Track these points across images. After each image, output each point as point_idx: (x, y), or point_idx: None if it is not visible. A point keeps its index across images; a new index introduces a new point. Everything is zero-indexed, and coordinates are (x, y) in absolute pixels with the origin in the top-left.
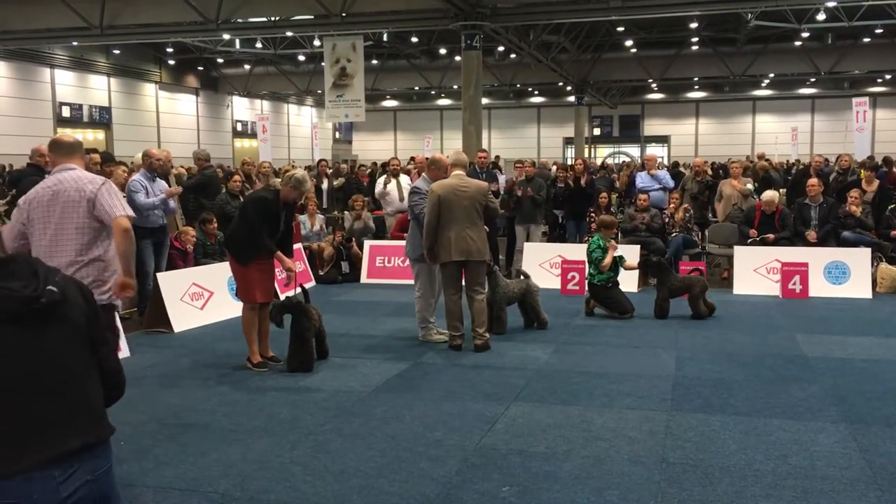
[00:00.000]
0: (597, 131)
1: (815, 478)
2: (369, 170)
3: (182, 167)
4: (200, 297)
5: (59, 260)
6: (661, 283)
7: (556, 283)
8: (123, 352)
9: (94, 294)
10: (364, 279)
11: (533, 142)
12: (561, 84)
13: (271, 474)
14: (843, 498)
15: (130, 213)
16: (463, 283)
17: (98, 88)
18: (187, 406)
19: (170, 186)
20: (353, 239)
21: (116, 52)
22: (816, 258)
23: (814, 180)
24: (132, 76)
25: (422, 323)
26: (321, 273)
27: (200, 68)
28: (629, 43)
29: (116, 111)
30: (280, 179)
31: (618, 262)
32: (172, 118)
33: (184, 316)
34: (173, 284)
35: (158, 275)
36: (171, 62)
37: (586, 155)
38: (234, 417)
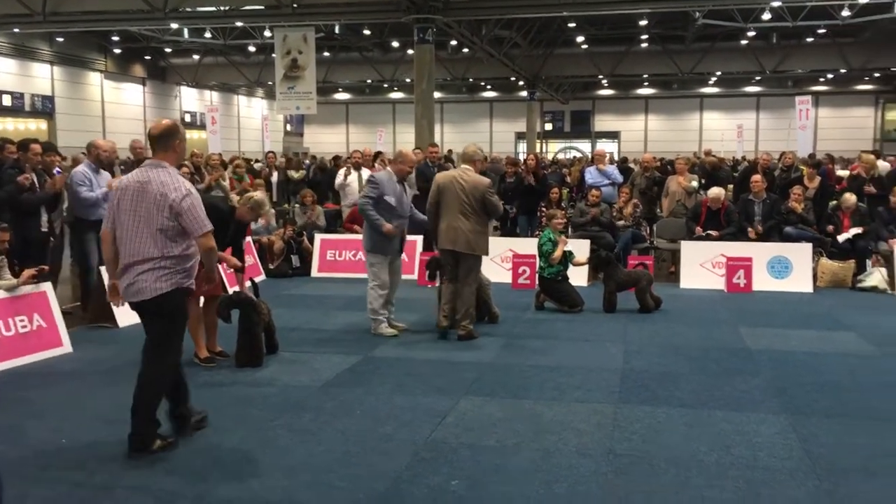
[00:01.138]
0: (548, 126)
1: (757, 468)
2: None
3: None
4: None
5: (142, 253)
6: (609, 278)
7: (507, 278)
8: (65, 347)
9: (174, 279)
10: (315, 273)
11: (485, 136)
12: (513, 79)
13: (219, 470)
14: (783, 487)
15: (209, 227)
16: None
17: (40, 77)
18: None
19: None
20: (304, 233)
21: (60, 39)
22: (760, 253)
23: (757, 177)
24: (76, 65)
25: (373, 315)
26: (271, 267)
27: (147, 57)
28: (580, 39)
29: (60, 100)
30: (229, 170)
31: (567, 256)
32: (118, 108)
33: (128, 310)
34: None
35: (102, 268)
36: (117, 51)
37: (538, 150)
38: None
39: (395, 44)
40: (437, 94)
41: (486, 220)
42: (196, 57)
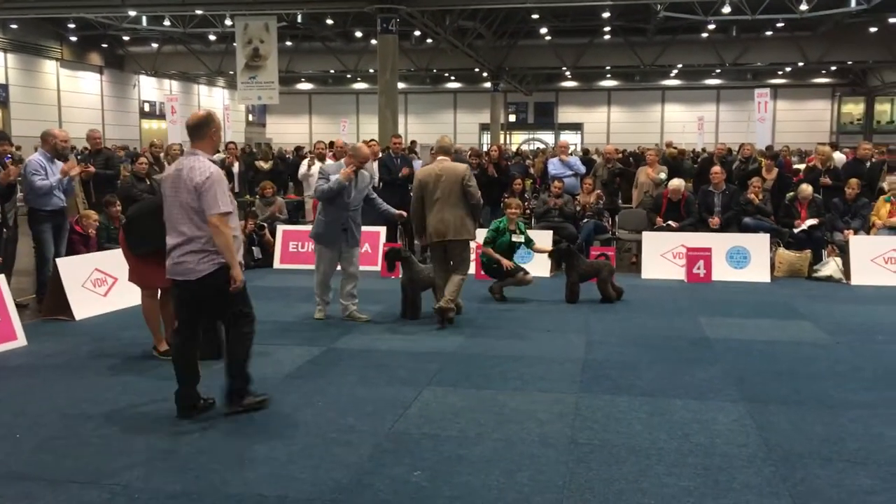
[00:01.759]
0: (512, 118)
1: (715, 455)
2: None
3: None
4: (103, 284)
5: (183, 235)
6: (571, 268)
7: (471, 269)
8: (19, 340)
9: (215, 258)
10: (277, 264)
11: (449, 127)
12: (477, 70)
13: (177, 464)
14: (740, 474)
15: (226, 209)
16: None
17: None
18: (88, 396)
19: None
20: (266, 227)
21: (14, 26)
22: (719, 243)
23: (717, 168)
24: (31, 52)
25: (317, 300)
26: None
27: (105, 46)
28: (544, 31)
29: (14, 89)
30: None
31: (527, 243)
32: (75, 97)
33: (85, 303)
34: (74, 270)
35: (58, 260)
36: (73, 38)
37: (501, 141)
38: (138, 407)
39: (359, 34)
40: (400, 85)
41: (469, 206)
42: (155, 45)
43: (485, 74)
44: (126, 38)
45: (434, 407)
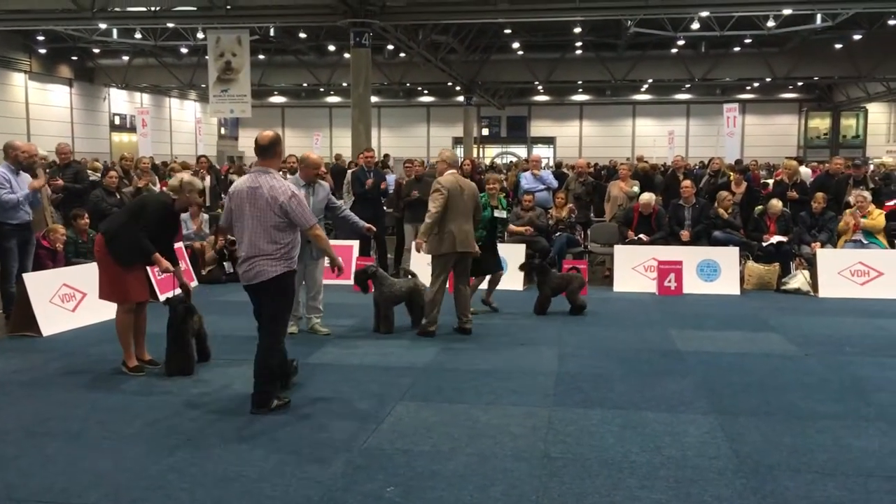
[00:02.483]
0: (485, 131)
1: (686, 467)
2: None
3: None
4: (72, 299)
5: (260, 246)
6: (543, 283)
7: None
8: None
9: (284, 263)
10: None
11: (423, 141)
12: (450, 84)
13: (146, 483)
14: (711, 486)
15: (314, 220)
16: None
17: None
18: (56, 413)
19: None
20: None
21: None
22: (690, 257)
23: (687, 182)
24: None
25: None
26: (203, 273)
27: (74, 58)
28: (516, 45)
29: None
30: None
31: (499, 223)
32: (43, 110)
33: (53, 318)
34: (41, 285)
35: (25, 275)
36: (43, 51)
37: (475, 155)
38: (107, 425)
39: (332, 47)
40: (374, 99)
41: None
42: (126, 58)
43: (458, 88)
44: (96, 50)
45: (407, 422)
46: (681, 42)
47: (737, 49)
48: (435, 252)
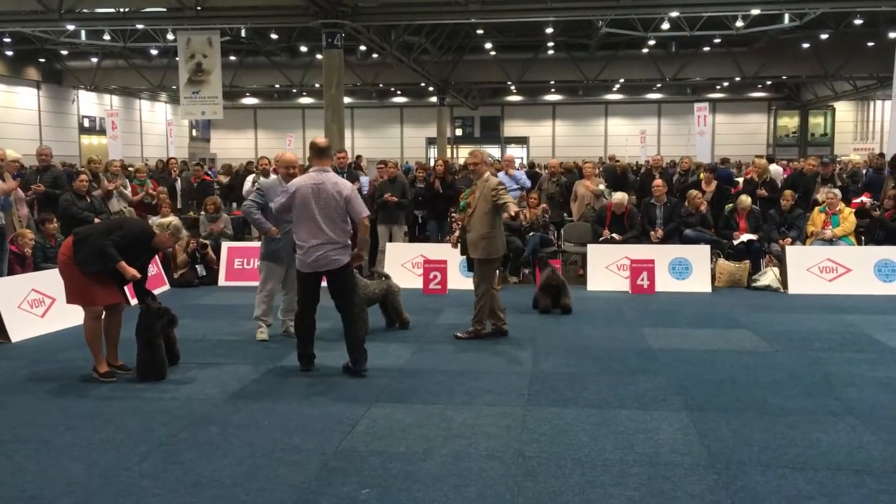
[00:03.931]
0: (459, 132)
1: (659, 464)
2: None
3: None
4: (41, 304)
5: (330, 236)
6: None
7: (418, 283)
8: None
9: (348, 251)
10: (222, 282)
11: (396, 141)
12: (423, 85)
13: (117, 489)
14: (684, 482)
15: (368, 212)
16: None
17: None
18: (25, 420)
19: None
20: (209, 244)
21: None
22: (662, 255)
23: (658, 181)
24: None
25: (255, 319)
26: (175, 276)
27: (42, 60)
28: (489, 46)
29: None
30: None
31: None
32: (10, 113)
33: (22, 324)
34: (10, 291)
35: None
36: (9, 53)
37: (448, 155)
38: (78, 431)
39: (304, 48)
40: (347, 100)
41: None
42: (94, 60)
43: (431, 89)
44: (64, 52)
45: (382, 423)
46: (651, 42)
47: (706, 49)
48: (497, 254)
